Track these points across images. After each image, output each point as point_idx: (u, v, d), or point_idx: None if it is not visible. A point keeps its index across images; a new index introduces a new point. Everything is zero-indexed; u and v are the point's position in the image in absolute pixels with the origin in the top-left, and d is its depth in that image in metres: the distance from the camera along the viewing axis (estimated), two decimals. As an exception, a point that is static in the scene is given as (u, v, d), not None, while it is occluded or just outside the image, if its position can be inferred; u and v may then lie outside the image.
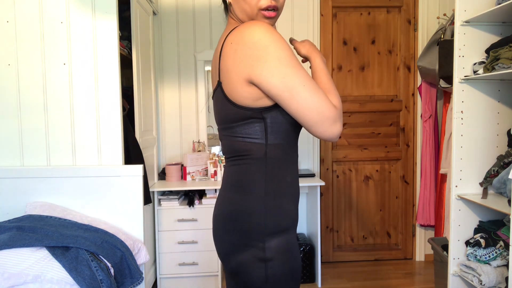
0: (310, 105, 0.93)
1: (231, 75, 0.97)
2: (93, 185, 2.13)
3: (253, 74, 0.94)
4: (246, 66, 0.95)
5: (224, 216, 1.05)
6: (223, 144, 1.09)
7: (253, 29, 0.95)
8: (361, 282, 2.95)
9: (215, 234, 1.09)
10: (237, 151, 1.04)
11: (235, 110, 0.99)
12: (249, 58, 0.94)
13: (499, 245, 2.11)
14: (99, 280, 1.64)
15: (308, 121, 0.95)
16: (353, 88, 3.26)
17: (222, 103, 1.02)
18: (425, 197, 3.17)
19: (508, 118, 2.27)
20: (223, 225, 1.05)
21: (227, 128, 1.04)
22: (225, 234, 1.05)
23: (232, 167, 1.06)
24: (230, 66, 0.97)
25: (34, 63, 2.13)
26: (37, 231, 1.79)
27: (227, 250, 1.05)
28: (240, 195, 1.03)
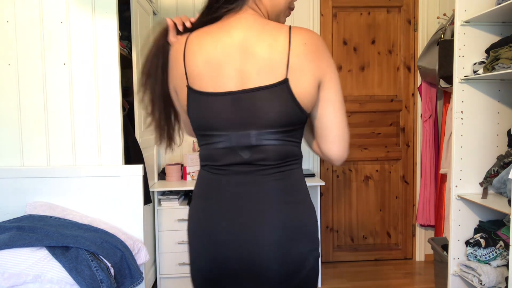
0: (345, 120, 1.00)
1: (305, 74, 0.94)
2: (93, 185, 2.13)
3: (325, 76, 0.96)
4: (321, 69, 0.95)
5: (292, 227, 0.97)
6: (265, 149, 0.96)
7: (318, 35, 0.98)
8: (361, 282, 2.95)
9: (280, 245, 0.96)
10: (291, 156, 1.00)
11: (298, 112, 0.95)
12: (324, 62, 0.96)
13: (499, 245, 2.11)
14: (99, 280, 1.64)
15: (339, 134, 0.99)
16: (353, 88, 3.26)
17: (283, 103, 0.93)
18: (425, 197, 3.17)
19: (508, 118, 2.27)
20: (292, 237, 0.97)
21: (280, 132, 0.96)
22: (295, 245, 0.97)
23: (282, 173, 0.98)
24: (306, 65, 0.94)
25: (34, 63, 2.12)
26: (37, 231, 1.79)
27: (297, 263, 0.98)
28: (302, 203, 1.01)
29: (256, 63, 0.94)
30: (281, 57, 0.93)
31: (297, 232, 0.98)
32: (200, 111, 0.98)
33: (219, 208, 0.99)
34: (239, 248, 0.96)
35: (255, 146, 0.96)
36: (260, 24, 0.97)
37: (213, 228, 0.99)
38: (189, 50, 0.98)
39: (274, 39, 0.94)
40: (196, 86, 0.97)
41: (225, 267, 0.98)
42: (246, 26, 0.97)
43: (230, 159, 0.98)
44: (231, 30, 0.97)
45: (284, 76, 0.93)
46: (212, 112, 0.97)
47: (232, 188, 0.98)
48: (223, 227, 0.97)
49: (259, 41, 0.95)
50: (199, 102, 0.98)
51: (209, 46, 0.97)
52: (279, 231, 0.96)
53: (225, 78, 0.95)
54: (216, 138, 0.98)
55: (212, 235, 0.99)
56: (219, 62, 0.95)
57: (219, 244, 0.98)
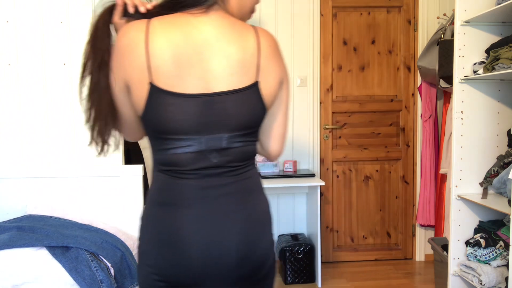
0: (286, 121, 1.05)
1: (271, 76, 0.96)
2: (93, 185, 2.13)
3: (285, 77, 1.00)
4: (282, 70, 0.99)
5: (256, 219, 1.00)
6: (234, 151, 0.96)
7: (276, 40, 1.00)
8: (361, 282, 2.95)
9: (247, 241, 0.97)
10: (251, 156, 1.02)
11: (263, 113, 0.97)
12: (283, 64, 0.99)
13: (499, 245, 2.11)
14: (99, 280, 1.64)
15: (279, 133, 1.04)
16: (353, 88, 3.26)
17: (253, 105, 0.94)
18: (425, 197, 3.17)
19: (508, 118, 2.27)
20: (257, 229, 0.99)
21: (247, 133, 0.97)
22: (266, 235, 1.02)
23: (245, 173, 1.00)
24: (272, 67, 0.96)
25: (34, 63, 2.13)
26: (37, 231, 1.79)
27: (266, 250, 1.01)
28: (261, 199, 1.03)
29: (229, 65, 0.91)
30: (252, 59, 0.93)
31: (260, 231, 0.99)
32: (165, 113, 0.90)
33: (188, 213, 0.94)
34: (207, 251, 0.94)
35: (224, 149, 0.94)
36: (230, 23, 0.95)
37: (181, 233, 0.94)
38: (153, 40, 0.88)
39: (244, 40, 0.93)
40: (161, 84, 0.88)
41: (193, 271, 0.95)
42: (217, 24, 0.93)
43: (199, 164, 0.93)
44: (201, 26, 0.91)
45: (254, 79, 0.93)
46: (180, 115, 0.90)
47: (200, 192, 0.94)
48: (191, 231, 0.94)
49: (231, 41, 0.92)
50: (165, 103, 0.89)
51: (177, 39, 0.89)
52: (245, 233, 0.96)
53: (196, 78, 0.90)
54: (181, 142, 0.92)
55: (179, 240, 0.94)
56: (189, 60, 0.89)
57: (188, 249, 0.94)
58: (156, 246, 0.96)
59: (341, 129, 3.27)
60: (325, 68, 3.22)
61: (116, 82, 0.93)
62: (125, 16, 0.94)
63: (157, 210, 0.97)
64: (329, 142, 3.26)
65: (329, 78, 3.23)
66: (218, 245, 0.94)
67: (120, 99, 0.95)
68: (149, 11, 0.94)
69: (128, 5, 0.94)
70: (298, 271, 2.91)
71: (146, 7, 0.95)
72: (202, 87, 0.90)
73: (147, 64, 0.88)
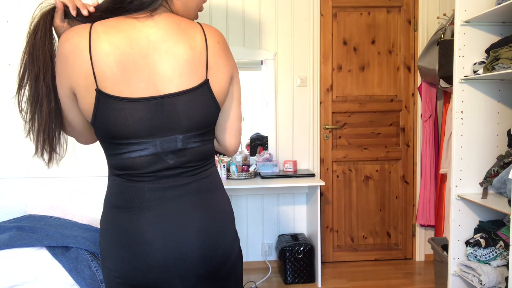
0: (240, 116, 1.06)
1: (221, 73, 0.96)
2: (93, 185, 2.13)
3: (234, 73, 1.01)
4: (232, 66, 1.00)
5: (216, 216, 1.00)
6: (187, 152, 0.95)
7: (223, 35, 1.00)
8: (361, 282, 2.95)
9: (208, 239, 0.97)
10: (209, 155, 1.01)
11: (216, 111, 0.98)
12: (232, 60, 1.00)
13: (499, 245, 2.11)
14: (99, 280, 1.64)
15: (237, 128, 1.05)
16: (353, 88, 3.26)
17: (206, 104, 0.94)
18: (425, 197, 3.17)
19: (508, 118, 2.27)
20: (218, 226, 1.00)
21: (203, 133, 0.96)
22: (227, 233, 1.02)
23: (203, 172, 0.99)
24: (221, 64, 0.96)
25: (34, 63, 2.13)
26: (37, 231, 1.79)
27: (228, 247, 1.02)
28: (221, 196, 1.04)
29: (177, 65, 0.90)
30: (201, 58, 0.92)
31: (221, 228, 1.00)
32: (115, 119, 0.89)
33: (146, 215, 0.93)
34: (169, 251, 0.93)
35: (180, 150, 0.94)
36: (176, 24, 0.93)
37: (141, 235, 0.93)
38: (97, 46, 0.86)
39: (192, 39, 0.92)
40: (108, 90, 0.87)
41: (156, 272, 0.94)
42: (163, 25, 0.92)
43: (155, 166, 0.93)
44: (146, 29, 0.90)
45: (204, 77, 0.93)
46: (131, 119, 0.89)
47: (158, 194, 0.94)
48: (152, 233, 0.93)
49: (178, 41, 0.91)
50: (113, 109, 0.88)
51: (122, 44, 0.87)
52: (205, 231, 0.96)
53: (144, 81, 0.89)
54: (135, 146, 0.91)
55: (141, 242, 0.93)
56: (136, 64, 0.88)
57: (150, 250, 0.93)
58: (116, 250, 0.95)
59: (341, 129, 3.27)
60: (325, 68, 3.22)
61: (62, 89, 0.90)
62: (66, 18, 0.91)
63: (115, 214, 0.96)
64: (329, 142, 3.26)
65: (329, 78, 3.23)
66: (179, 245, 0.93)
67: (67, 105, 0.93)
68: (91, 14, 0.92)
69: (70, 7, 0.91)
70: (298, 271, 2.91)
71: (89, 10, 0.92)
72: (151, 90, 0.89)
73: (92, 70, 0.86)
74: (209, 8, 3.12)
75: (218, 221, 0.99)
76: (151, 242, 0.93)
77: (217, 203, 1.01)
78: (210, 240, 0.97)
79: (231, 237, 1.03)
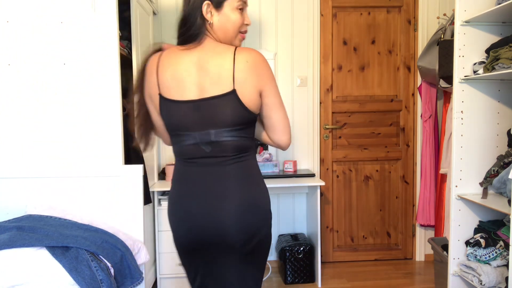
0: (286, 117, 1.31)
1: (248, 86, 1.23)
2: (93, 185, 2.13)
3: (264, 87, 1.25)
4: (260, 81, 1.24)
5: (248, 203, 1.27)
6: (219, 144, 1.25)
7: (260, 54, 1.27)
8: (361, 282, 2.95)
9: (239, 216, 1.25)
10: (244, 149, 1.29)
11: (246, 114, 1.24)
12: (263, 76, 1.25)
13: (499, 245, 2.11)
14: (99, 280, 1.64)
15: (282, 127, 1.30)
16: (353, 88, 3.26)
17: (234, 107, 1.23)
18: (425, 197, 3.17)
19: (508, 118, 2.27)
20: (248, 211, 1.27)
21: (231, 130, 1.25)
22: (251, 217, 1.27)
23: (239, 163, 1.28)
24: (248, 79, 1.22)
25: (34, 63, 2.13)
26: (37, 231, 1.79)
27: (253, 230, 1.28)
28: (256, 183, 1.31)
29: (209, 77, 1.23)
30: (228, 72, 1.22)
31: (251, 208, 1.27)
32: (170, 115, 1.28)
33: (190, 191, 1.28)
34: (207, 221, 1.25)
35: (214, 142, 1.25)
36: (212, 47, 1.27)
37: (187, 206, 1.28)
38: (160, 66, 1.28)
39: (222, 59, 1.23)
40: (165, 94, 1.27)
41: (197, 237, 1.28)
42: (203, 49, 1.27)
43: (197, 153, 1.27)
44: (192, 52, 1.27)
45: (232, 88, 1.22)
46: (179, 116, 1.26)
47: (200, 176, 1.28)
48: (194, 206, 1.27)
49: (211, 60, 1.24)
50: (168, 108, 1.27)
51: (174, 63, 1.27)
52: (238, 207, 1.25)
53: (187, 89, 1.25)
54: (184, 137, 1.28)
55: (186, 212, 1.28)
56: (182, 77, 1.25)
57: (192, 218, 1.27)
58: (172, 219, 1.35)
59: (341, 129, 3.27)
60: (325, 68, 3.22)
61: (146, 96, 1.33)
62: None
63: (173, 187, 1.35)
64: (329, 142, 3.26)
65: (329, 78, 3.23)
66: (212, 220, 1.25)
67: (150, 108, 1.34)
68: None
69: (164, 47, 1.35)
70: (298, 271, 2.91)
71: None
72: (191, 95, 1.25)
73: (157, 82, 1.28)
74: (209, 8, 3.12)
75: (248, 203, 1.27)
76: (193, 214, 1.27)
77: (248, 189, 1.28)
78: (239, 219, 1.25)
79: (259, 221, 1.29)
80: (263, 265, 1.38)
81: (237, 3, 1.28)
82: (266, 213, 1.32)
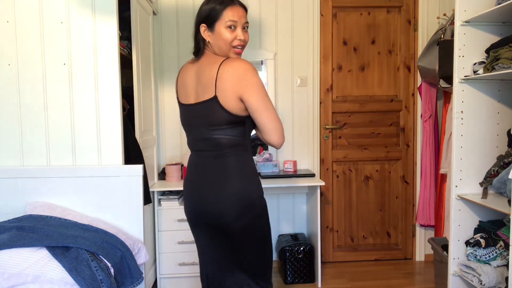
0: (272, 119, 1.45)
1: (228, 92, 1.43)
2: (93, 185, 2.13)
3: (243, 93, 1.43)
4: (240, 88, 1.43)
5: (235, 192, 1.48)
6: (210, 140, 1.50)
7: (243, 63, 1.45)
8: (361, 282, 2.95)
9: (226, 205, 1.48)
10: (231, 146, 1.50)
11: (228, 116, 1.46)
12: (242, 83, 1.43)
13: (499, 245, 2.11)
14: (99, 280, 1.64)
15: (269, 129, 1.46)
16: (353, 88, 3.26)
17: (217, 111, 1.45)
18: (425, 197, 3.17)
19: (508, 118, 2.27)
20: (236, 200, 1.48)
21: (217, 129, 1.48)
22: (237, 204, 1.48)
23: (221, 158, 1.50)
24: (228, 86, 1.43)
25: (34, 63, 2.13)
26: (37, 231, 1.79)
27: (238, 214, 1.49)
28: (240, 178, 1.50)
29: (201, 86, 1.49)
30: (212, 81, 1.45)
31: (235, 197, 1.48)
32: (181, 115, 1.63)
33: (194, 176, 1.58)
34: (201, 204, 1.54)
35: (207, 138, 1.51)
36: (208, 60, 1.52)
37: (191, 189, 1.59)
38: (179, 75, 1.63)
39: (211, 69, 1.47)
40: (179, 98, 1.62)
41: (193, 215, 1.59)
42: (202, 61, 1.54)
43: (196, 147, 1.57)
44: (195, 64, 1.57)
45: (214, 94, 1.45)
46: (185, 116, 1.60)
47: (200, 165, 1.56)
48: (195, 189, 1.57)
49: (204, 70, 1.49)
50: (181, 109, 1.62)
51: (184, 73, 1.59)
52: (225, 195, 1.48)
53: (189, 94, 1.55)
54: (189, 133, 1.60)
55: (191, 194, 1.59)
56: (186, 84, 1.57)
57: (191, 199, 1.59)
58: (184, 196, 1.66)
59: (341, 129, 3.27)
60: (325, 68, 3.22)
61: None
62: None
63: (186, 174, 1.64)
64: (329, 142, 3.26)
65: (329, 78, 3.23)
66: (200, 201, 1.54)
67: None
68: None
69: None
70: (298, 271, 2.91)
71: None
72: (189, 99, 1.55)
73: (176, 88, 1.65)
74: (209, 8, 3.12)
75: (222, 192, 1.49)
76: (194, 195, 1.57)
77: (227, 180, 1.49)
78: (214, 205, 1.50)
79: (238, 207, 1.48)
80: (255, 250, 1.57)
81: (226, 23, 1.49)
82: (251, 203, 1.51)
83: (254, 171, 1.55)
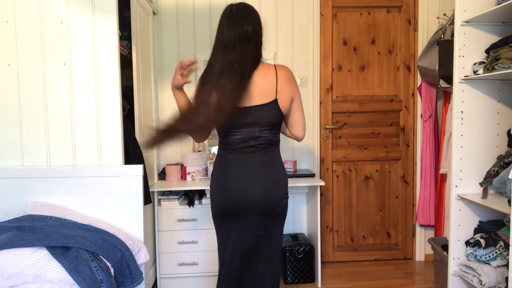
0: (304, 117, 1.79)
1: (285, 95, 1.69)
2: (93, 185, 2.13)
3: (294, 95, 1.73)
4: (292, 91, 1.72)
5: (282, 180, 1.75)
6: (260, 138, 1.69)
7: (289, 69, 1.73)
8: (361, 282, 2.95)
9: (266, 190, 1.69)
10: (274, 142, 1.74)
11: (280, 117, 1.71)
12: (293, 87, 1.72)
13: (499, 245, 2.11)
14: (99, 280, 1.64)
15: (302, 124, 1.78)
16: (353, 88, 3.26)
17: (274, 112, 1.68)
18: (425, 197, 3.17)
19: (508, 118, 2.27)
20: (273, 184, 1.71)
21: (269, 128, 1.70)
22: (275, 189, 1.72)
23: (268, 152, 1.72)
24: (286, 90, 1.69)
25: (34, 63, 2.13)
26: (37, 231, 1.79)
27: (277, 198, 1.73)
28: (278, 168, 1.76)
29: (258, 90, 1.66)
30: (273, 85, 1.67)
31: (275, 184, 1.72)
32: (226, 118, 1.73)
33: (234, 171, 1.71)
34: (243, 192, 1.69)
35: (258, 137, 1.70)
36: (262, 68, 1.69)
37: (229, 181, 1.71)
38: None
39: (268, 75, 1.68)
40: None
41: (236, 204, 1.70)
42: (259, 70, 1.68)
43: (243, 145, 1.70)
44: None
45: (274, 97, 1.67)
46: (235, 118, 1.66)
47: (240, 160, 1.71)
48: (234, 181, 1.70)
49: (260, 77, 1.67)
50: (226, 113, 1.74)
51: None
52: (265, 182, 1.70)
53: (245, 99, 1.65)
54: (235, 134, 1.70)
55: (228, 185, 1.71)
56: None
57: (232, 190, 1.70)
58: (216, 191, 1.75)
59: (341, 129, 3.27)
60: (325, 68, 3.22)
61: None
62: None
63: (218, 170, 1.76)
64: (329, 142, 3.26)
65: (329, 78, 3.23)
66: (248, 191, 1.69)
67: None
68: None
69: None
70: (298, 271, 2.91)
71: None
72: (246, 103, 1.65)
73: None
74: (209, 8, 3.12)
75: (273, 182, 1.71)
76: (233, 187, 1.70)
77: (274, 171, 1.73)
78: (266, 192, 1.69)
79: (281, 192, 1.74)
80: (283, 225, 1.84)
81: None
82: (285, 189, 1.77)
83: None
